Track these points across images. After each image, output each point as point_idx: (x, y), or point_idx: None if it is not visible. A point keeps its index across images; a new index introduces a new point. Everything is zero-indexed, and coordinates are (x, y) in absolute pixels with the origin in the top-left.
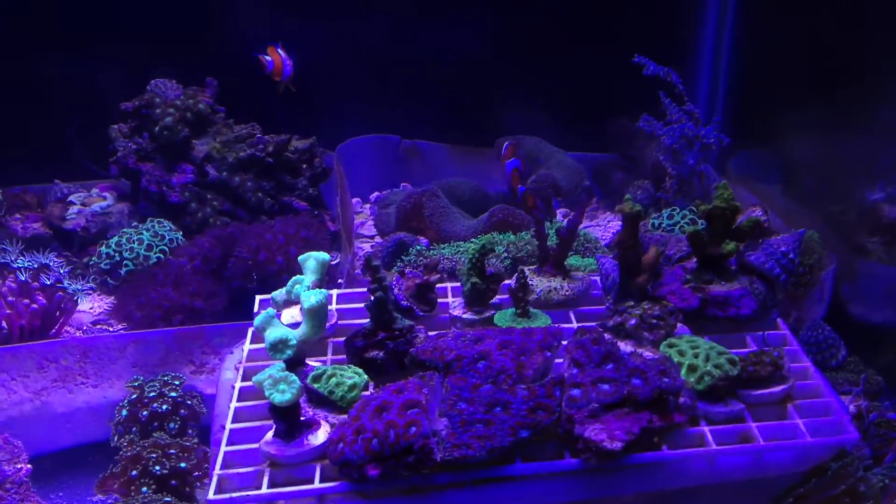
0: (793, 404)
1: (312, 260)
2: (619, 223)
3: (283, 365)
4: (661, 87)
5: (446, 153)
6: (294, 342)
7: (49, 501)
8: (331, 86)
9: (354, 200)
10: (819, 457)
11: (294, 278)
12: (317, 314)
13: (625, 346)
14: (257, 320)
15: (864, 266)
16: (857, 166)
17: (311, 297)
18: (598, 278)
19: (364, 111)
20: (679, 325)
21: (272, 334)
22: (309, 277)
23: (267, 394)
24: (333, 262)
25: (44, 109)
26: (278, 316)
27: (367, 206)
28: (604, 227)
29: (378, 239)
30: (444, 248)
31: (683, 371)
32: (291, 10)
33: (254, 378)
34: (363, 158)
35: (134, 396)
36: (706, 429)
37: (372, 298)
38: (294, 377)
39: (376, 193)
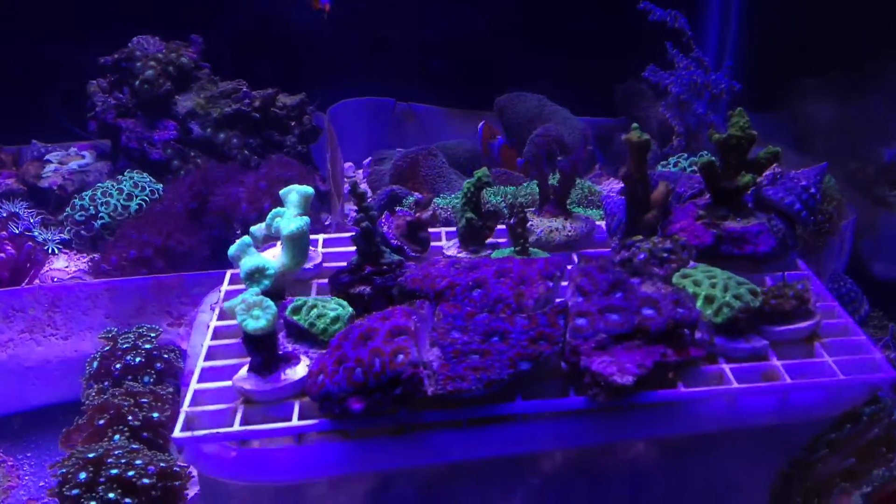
0: (820, 342)
1: (295, 193)
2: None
3: (259, 290)
4: (669, 40)
5: (443, 116)
6: (272, 271)
7: (16, 461)
8: (324, 46)
9: (347, 165)
10: (851, 398)
11: (274, 211)
12: (297, 242)
13: None
14: (232, 249)
15: (887, 219)
16: (874, 124)
17: (291, 224)
18: (602, 224)
19: (358, 73)
20: (691, 262)
21: (248, 263)
22: (291, 212)
23: (239, 319)
24: (325, 223)
25: (23, 70)
26: None
27: (360, 171)
28: (607, 192)
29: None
30: (438, 199)
31: (699, 302)
32: None
33: (226, 303)
34: (356, 122)
35: (106, 348)
36: (726, 367)
37: (358, 229)
38: (270, 302)
39: (369, 159)
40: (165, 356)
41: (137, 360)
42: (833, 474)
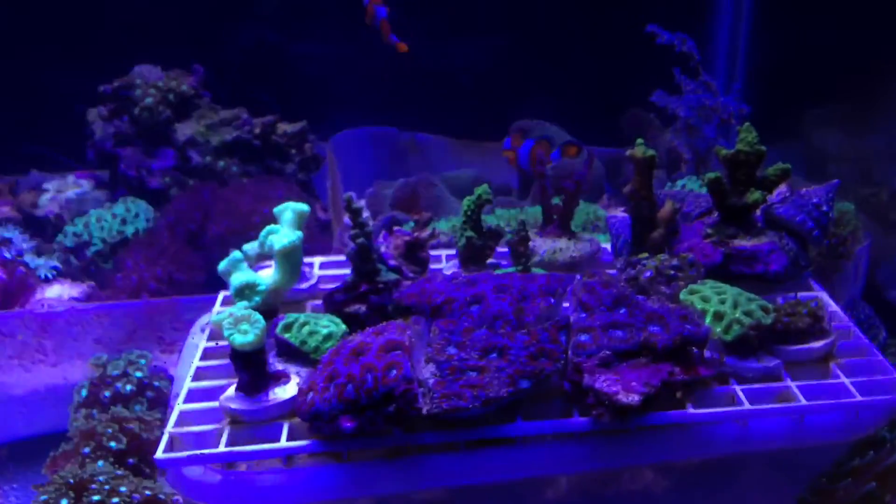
0: (836, 363)
1: (290, 211)
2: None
3: (247, 304)
4: (676, 66)
5: (447, 147)
6: (263, 287)
7: (2, 492)
8: (327, 75)
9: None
10: (871, 421)
11: (267, 228)
12: (289, 257)
13: None
14: (222, 264)
15: None
16: (887, 150)
17: (284, 238)
18: (608, 246)
19: (361, 103)
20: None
21: (238, 278)
22: (285, 229)
23: (226, 334)
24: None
25: (23, 99)
26: None
27: (363, 201)
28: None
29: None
30: (440, 223)
31: (708, 319)
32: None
33: (213, 318)
34: (359, 152)
35: (96, 375)
36: (737, 387)
37: (353, 246)
38: (258, 316)
39: (371, 189)
40: (156, 384)
41: (129, 387)
42: (855, 501)
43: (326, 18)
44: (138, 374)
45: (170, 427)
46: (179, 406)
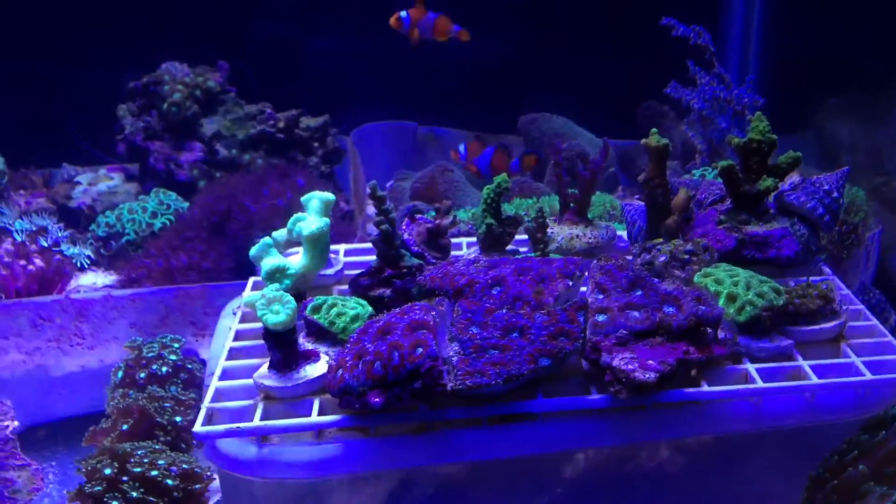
0: (846, 343)
1: (316, 199)
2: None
3: (279, 286)
4: (690, 58)
5: (465, 140)
6: (292, 271)
7: (41, 469)
8: (347, 70)
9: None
10: (880, 399)
11: (296, 216)
12: (317, 243)
13: None
14: (253, 249)
15: None
16: None
17: (312, 224)
18: (624, 233)
19: (380, 97)
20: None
21: (269, 263)
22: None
23: (259, 314)
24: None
25: (55, 95)
26: None
27: (384, 192)
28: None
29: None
30: (459, 212)
31: (721, 301)
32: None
33: (245, 299)
34: (378, 145)
35: (131, 358)
36: (750, 366)
37: (377, 232)
38: (289, 297)
39: (391, 182)
40: (189, 366)
41: (164, 369)
42: (865, 478)
43: (348, 14)
44: (173, 357)
45: (206, 402)
46: (215, 383)
